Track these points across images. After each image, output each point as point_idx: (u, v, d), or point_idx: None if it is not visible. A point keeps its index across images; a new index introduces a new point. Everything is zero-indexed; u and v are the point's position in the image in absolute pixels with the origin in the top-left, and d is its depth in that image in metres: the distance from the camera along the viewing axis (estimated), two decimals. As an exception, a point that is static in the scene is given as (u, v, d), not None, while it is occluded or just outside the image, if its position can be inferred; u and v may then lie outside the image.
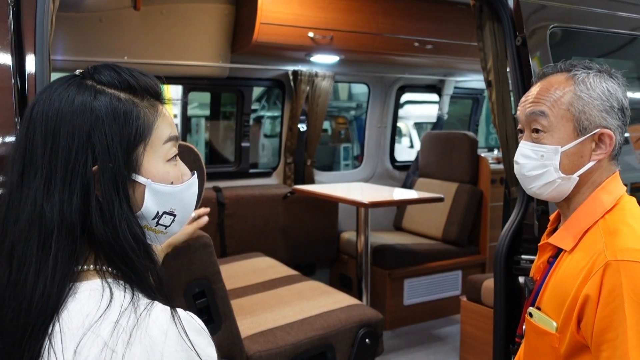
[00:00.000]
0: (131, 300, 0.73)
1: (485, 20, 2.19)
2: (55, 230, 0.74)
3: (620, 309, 1.02)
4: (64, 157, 0.75)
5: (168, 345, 0.70)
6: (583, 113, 1.16)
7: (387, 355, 3.09)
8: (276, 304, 2.59)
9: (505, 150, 2.25)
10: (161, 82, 0.87)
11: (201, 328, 0.75)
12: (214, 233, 3.62)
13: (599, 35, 2.19)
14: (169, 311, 0.73)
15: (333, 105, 7.28)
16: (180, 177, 0.85)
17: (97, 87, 0.79)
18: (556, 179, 1.19)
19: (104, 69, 0.81)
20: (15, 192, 0.76)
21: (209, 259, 1.91)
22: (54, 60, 1.44)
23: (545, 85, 1.22)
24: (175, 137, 0.84)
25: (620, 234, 1.09)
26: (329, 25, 3.28)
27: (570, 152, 1.17)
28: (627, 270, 1.03)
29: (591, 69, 1.20)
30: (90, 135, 0.75)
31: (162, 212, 0.83)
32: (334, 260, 4.15)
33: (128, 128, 0.78)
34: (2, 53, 1.21)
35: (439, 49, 3.70)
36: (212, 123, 5.12)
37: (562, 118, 1.18)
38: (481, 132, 7.07)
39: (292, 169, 4.14)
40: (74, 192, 0.74)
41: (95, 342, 0.69)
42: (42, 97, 0.78)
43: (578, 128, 1.17)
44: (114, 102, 0.78)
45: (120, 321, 0.70)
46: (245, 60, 3.61)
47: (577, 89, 1.17)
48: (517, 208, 2.08)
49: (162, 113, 0.83)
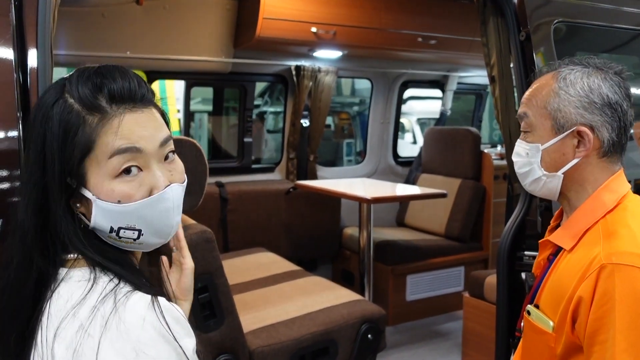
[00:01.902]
0: (113, 287, 0.75)
1: (489, 15, 2.18)
2: (28, 232, 0.78)
3: (611, 312, 1.01)
4: (32, 162, 0.79)
5: (146, 329, 0.71)
6: (559, 111, 1.16)
7: (389, 350, 3.09)
8: (278, 299, 2.60)
9: (509, 146, 2.24)
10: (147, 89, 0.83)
11: (180, 316, 0.76)
12: (217, 228, 3.63)
13: (603, 31, 2.18)
14: (149, 299, 0.74)
15: (336, 100, 7.27)
16: (133, 195, 0.78)
17: (65, 96, 0.79)
18: (541, 177, 1.20)
19: (78, 74, 0.80)
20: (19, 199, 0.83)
21: (212, 254, 1.91)
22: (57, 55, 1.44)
23: (535, 85, 1.23)
24: (131, 148, 0.77)
25: (617, 236, 1.08)
26: (332, 21, 3.27)
27: (551, 149, 1.18)
28: (620, 274, 1.02)
29: (580, 65, 1.19)
30: (44, 145, 0.78)
31: (117, 227, 0.79)
32: (336, 256, 4.15)
33: (70, 141, 0.77)
34: (4, 47, 1.21)
35: (443, 44, 3.69)
36: (215, 118, 5.12)
37: (540, 117, 1.19)
38: (484, 128, 7.06)
39: (295, 164, 4.14)
40: (32, 200, 0.79)
41: (72, 324, 0.72)
42: (38, 101, 0.83)
43: (556, 126, 1.17)
44: (64, 113, 0.77)
45: (98, 306, 0.72)
46: (248, 55, 3.60)
47: (556, 86, 1.17)
48: (520, 204, 2.08)
49: (116, 125, 0.77)
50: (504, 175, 3.98)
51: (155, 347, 0.71)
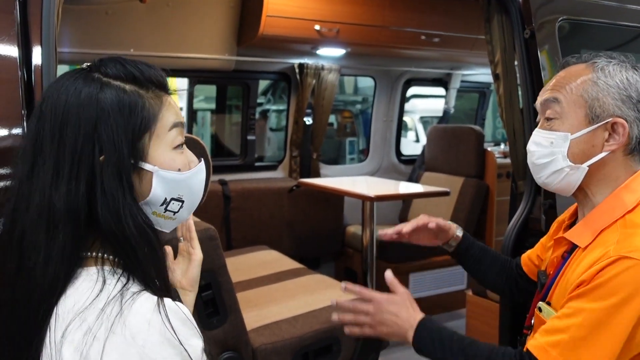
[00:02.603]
0: (121, 289, 0.75)
1: (493, 12, 2.17)
2: (62, 219, 0.76)
3: (603, 287, 1.01)
4: (70, 148, 0.77)
5: (151, 334, 0.71)
6: (596, 100, 1.13)
7: (392, 348, 3.09)
8: (282, 297, 2.60)
9: (513, 143, 2.23)
10: (166, 75, 0.88)
11: (187, 318, 0.76)
12: (220, 226, 3.63)
13: (608, 28, 2.17)
14: (155, 301, 0.74)
15: (339, 99, 7.26)
16: (188, 164, 0.87)
17: (103, 80, 0.81)
18: (564, 168, 1.16)
19: (110, 62, 0.83)
20: (25, 183, 0.79)
21: (215, 251, 1.91)
22: (61, 53, 1.44)
23: (565, 74, 1.20)
24: (181, 123, 0.86)
25: (635, 235, 1.06)
26: (336, 18, 3.26)
27: (581, 140, 1.14)
28: (629, 263, 1.01)
29: (614, 58, 1.17)
30: (97, 126, 0.78)
31: (169, 199, 0.85)
32: (339, 254, 4.15)
33: (133, 119, 0.80)
34: (8, 45, 1.21)
35: (446, 42, 3.68)
36: (218, 116, 5.12)
37: (574, 104, 1.15)
38: (488, 126, 7.05)
39: (298, 162, 4.14)
40: (80, 182, 0.77)
41: (81, 328, 0.72)
42: (50, 91, 0.81)
43: (590, 115, 1.13)
44: (119, 94, 0.80)
45: (105, 309, 0.72)
46: (251, 53, 3.60)
47: (595, 75, 1.14)
48: (524, 202, 2.07)
49: (167, 102, 0.86)
50: (507, 173, 3.98)
51: (160, 353, 0.71)
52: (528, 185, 2.07)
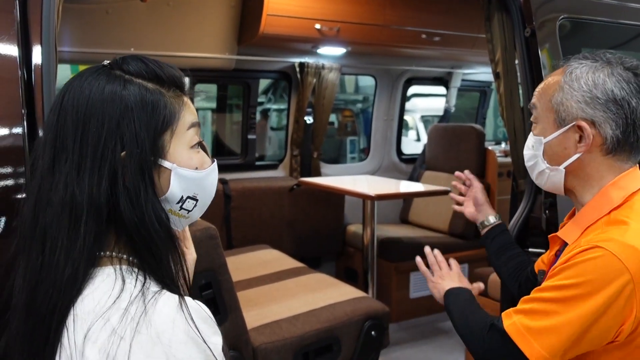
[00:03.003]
0: (141, 288, 0.75)
1: (493, 11, 2.16)
2: (85, 213, 0.76)
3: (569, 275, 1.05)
4: (93, 143, 0.78)
5: (176, 334, 0.71)
6: (561, 104, 1.16)
7: (393, 347, 3.09)
8: (282, 296, 2.60)
9: (513, 142, 2.23)
10: (186, 75, 0.91)
11: (208, 316, 0.77)
12: (220, 225, 3.63)
13: (609, 27, 2.16)
14: (177, 299, 0.74)
15: (340, 98, 7.26)
16: (203, 164, 0.88)
17: (125, 77, 0.82)
18: (545, 169, 1.22)
19: (132, 60, 0.84)
20: (46, 177, 0.79)
21: (215, 250, 1.91)
22: (61, 52, 1.44)
23: (548, 78, 1.24)
24: (198, 123, 0.88)
25: (612, 228, 1.09)
26: (336, 17, 3.26)
27: (553, 143, 1.19)
28: (599, 254, 1.03)
29: (589, 59, 1.18)
30: (119, 123, 0.78)
31: (185, 197, 0.86)
32: (340, 253, 4.15)
33: (156, 116, 0.81)
34: (8, 44, 1.21)
35: (447, 41, 3.68)
36: (219, 115, 5.12)
37: (546, 109, 1.20)
38: (489, 125, 7.04)
39: (299, 161, 4.14)
40: (103, 177, 0.77)
41: (105, 328, 0.71)
42: (72, 86, 0.81)
43: (558, 120, 1.18)
44: (142, 91, 0.81)
45: (129, 309, 0.72)
46: (252, 52, 3.60)
47: (562, 80, 1.18)
48: (524, 201, 2.07)
49: (186, 102, 0.87)
50: (508, 172, 3.97)
51: (185, 352, 0.71)
52: (529, 184, 2.07)
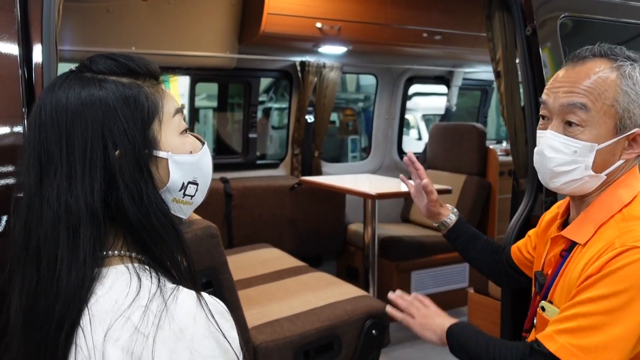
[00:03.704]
0: (158, 285, 0.75)
1: (494, 10, 2.16)
2: (82, 221, 0.75)
3: (613, 281, 1.00)
4: (81, 150, 0.76)
5: (197, 329, 0.72)
6: (627, 111, 1.08)
7: (393, 346, 3.09)
8: (283, 294, 2.60)
9: (514, 142, 2.23)
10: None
11: (225, 310, 0.78)
12: (221, 224, 3.63)
13: (611, 26, 2.16)
14: (195, 295, 0.75)
15: (341, 97, 7.26)
16: (195, 148, 0.88)
17: (98, 77, 0.80)
18: (584, 177, 1.11)
19: (100, 59, 0.82)
20: (35, 195, 0.77)
21: (216, 249, 1.91)
22: (61, 51, 1.44)
23: (585, 72, 1.11)
24: (181, 109, 0.88)
25: (634, 227, 1.06)
26: (337, 16, 3.25)
27: (605, 150, 1.09)
28: (634, 253, 1.01)
29: (636, 61, 1.13)
30: (104, 124, 0.77)
31: (187, 183, 0.86)
32: (340, 252, 4.15)
33: (139, 109, 0.80)
34: (9, 43, 1.21)
35: (448, 39, 3.67)
36: (220, 114, 5.12)
37: (605, 114, 1.08)
38: (490, 123, 7.03)
39: (300, 160, 4.14)
40: (95, 181, 0.76)
41: (126, 327, 0.71)
42: (47, 99, 0.79)
43: (619, 126, 1.08)
44: (120, 88, 0.80)
45: (149, 306, 0.72)
46: (253, 51, 3.60)
47: (623, 82, 1.08)
48: (525, 200, 2.07)
49: (164, 90, 0.87)
50: (510, 171, 3.97)
51: (208, 346, 0.72)
52: (530, 183, 2.07)
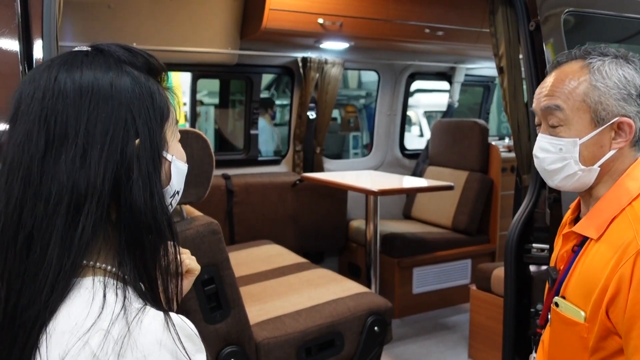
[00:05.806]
0: (123, 303, 0.69)
1: (497, 5, 2.15)
2: (87, 203, 0.70)
3: None
4: (103, 130, 0.72)
5: (162, 355, 0.67)
6: (599, 104, 1.14)
7: (395, 343, 3.09)
8: (285, 291, 2.60)
9: (517, 138, 2.22)
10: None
11: (193, 333, 0.73)
12: (223, 220, 3.63)
13: (615, 21, 2.14)
14: (162, 317, 0.70)
15: (342, 93, 7.25)
16: (184, 157, 0.86)
17: (122, 65, 0.77)
18: (577, 172, 1.17)
19: (118, 49, 0.79)
20: (35, 168, 0.71)
21: (218, 246, 1.91)
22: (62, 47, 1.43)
23: (560, 76, 1.19)
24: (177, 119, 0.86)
25: None
26: (339, 12, 3.24)
27: (589, 143, 1.15)
28: None
29: (607, 55, 1.17)
30: (131, 111, 0.74)
31: (176, 191, 0.84)
32: (342, 249, 4.15)
33: (159, 106, 0.78)
34: (9, 39, 1.21)
35: (450, 35, 3.66)
36: (221, 110, 5.12)
37: (578, 110, 1.15)
38: (492, 120, 7.02)
39: (301, 156, 4.13)
40: (109, 164, 0.72)
41: (83, 353, 0.65)
42: (67, 67, 0.75)
43: (595, 119, 1.14)
44: (145, 81, 0.78)
45: (110, 330, 0.66)
46: (254, 46, 3.59)
47: (592, 78, 1.14)
48: (528, 196, 2.06)
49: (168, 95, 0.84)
50: (512, 167, 3.96)
51: None
52: (533, 179, 2.06)
